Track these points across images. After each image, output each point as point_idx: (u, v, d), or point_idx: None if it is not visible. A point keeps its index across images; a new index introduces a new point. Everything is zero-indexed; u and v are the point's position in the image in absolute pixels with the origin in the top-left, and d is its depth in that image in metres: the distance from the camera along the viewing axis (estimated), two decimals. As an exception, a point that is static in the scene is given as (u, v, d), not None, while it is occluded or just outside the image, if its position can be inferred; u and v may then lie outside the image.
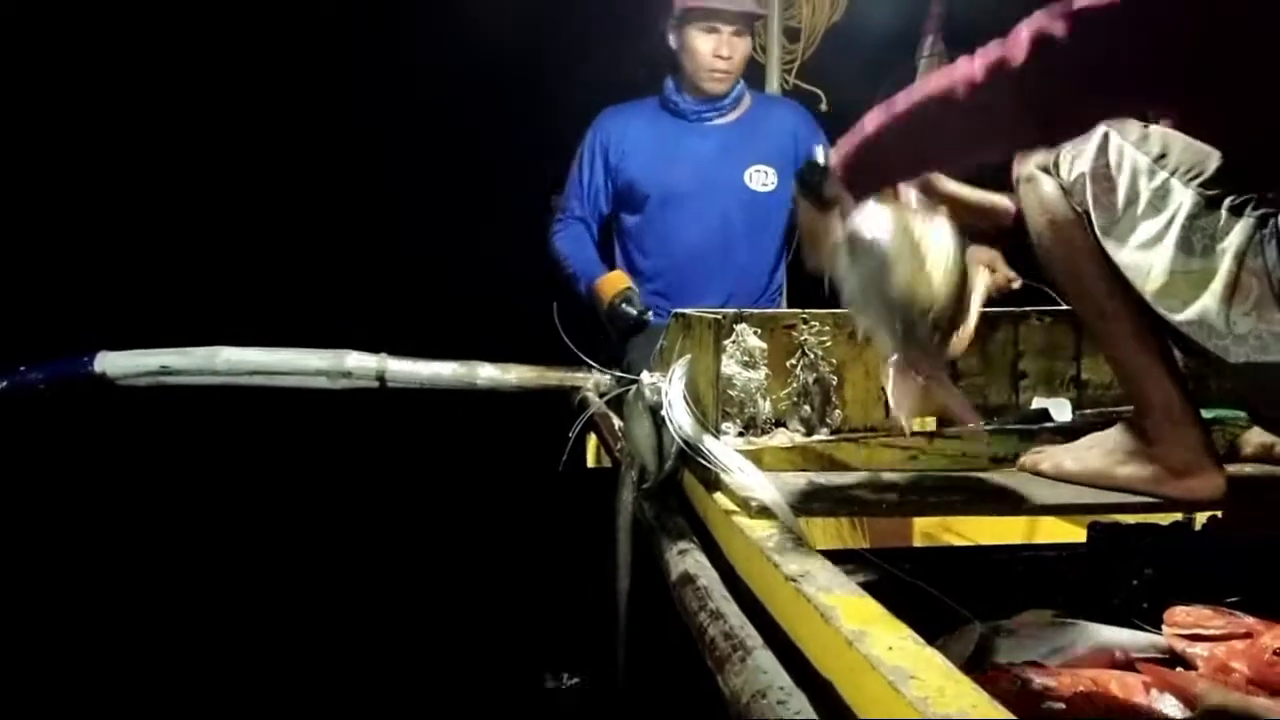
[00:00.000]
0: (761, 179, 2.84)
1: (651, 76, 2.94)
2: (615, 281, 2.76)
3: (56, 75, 3.53)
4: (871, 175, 1.32)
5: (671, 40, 2.83)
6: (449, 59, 3.68)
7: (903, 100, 1.24)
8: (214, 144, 3.76)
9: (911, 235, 1.25)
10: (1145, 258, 1.26)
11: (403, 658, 3.15)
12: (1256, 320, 1.19)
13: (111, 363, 2.34)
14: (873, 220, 1.28)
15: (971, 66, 1.16)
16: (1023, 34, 1.12)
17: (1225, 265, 1.20)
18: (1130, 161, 1.29)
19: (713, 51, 2.76)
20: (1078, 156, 1.36)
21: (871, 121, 1.27)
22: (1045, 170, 1.41)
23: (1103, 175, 1.32)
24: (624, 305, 2.68)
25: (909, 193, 1.36)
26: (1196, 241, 1.22)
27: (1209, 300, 1.23)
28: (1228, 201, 1.21)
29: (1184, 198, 1.24)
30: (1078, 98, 1.15)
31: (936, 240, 1.25)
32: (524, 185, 3.31)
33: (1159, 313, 1.29)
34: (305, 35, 3.71)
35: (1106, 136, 1.33)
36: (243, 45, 3.72)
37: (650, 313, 2.67)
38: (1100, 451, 1.43)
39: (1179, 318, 1.27)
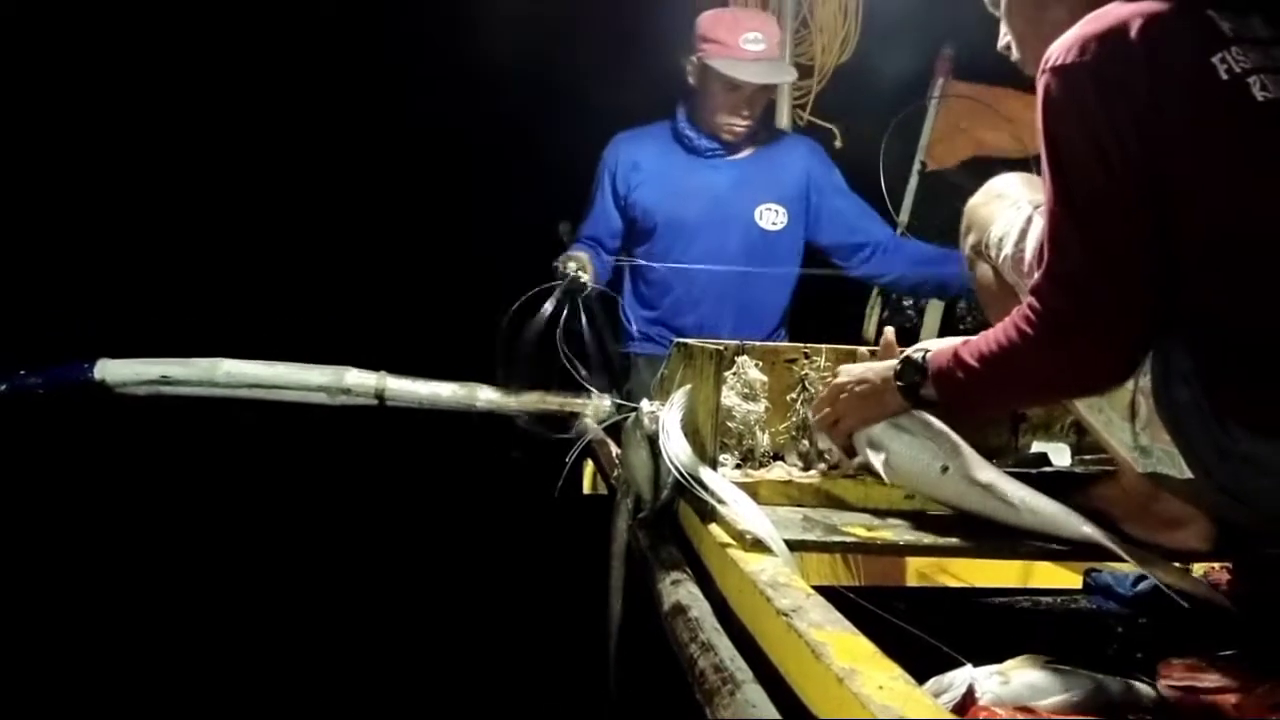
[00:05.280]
0: (772, 217, 2.82)
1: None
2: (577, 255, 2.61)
3: (73, 78, 3.55)
4: (966, 410, 1.42)
5: (690, 77, 2.78)
6: (465, 70, 3.71)
7: (978, 358, 1.29)
8: (225, 155, 3.77)
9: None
10: None
11: (393, 678, 3.12)
12: (1151, 438, 1.22)
13: (111, 370, 2.34)
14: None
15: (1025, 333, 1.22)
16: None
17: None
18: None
19: (733, 109, 2.72)
20: (1004, 237, 1.39)
21: (961, 365, 1.31)
22: (977, 251, 1.45)
23: (1019, 259, 1.36)
24: (563, 267, 2.47)
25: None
26: None
27: (1114, 413, 1.26)
28: None
29: None
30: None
31: None
32: (537, 207, 3.31)
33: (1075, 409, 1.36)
34: (309, 43, 3.73)
35: (1030, 219, 1.35)
36: (252, 52, 3.75)
37: (582, 277, 2.41)
38: (1095, 500, 1.43)
39: (1093, 420, 1.31)
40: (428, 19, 3.87)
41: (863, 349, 1.74)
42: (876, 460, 1.47)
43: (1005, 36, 1.50)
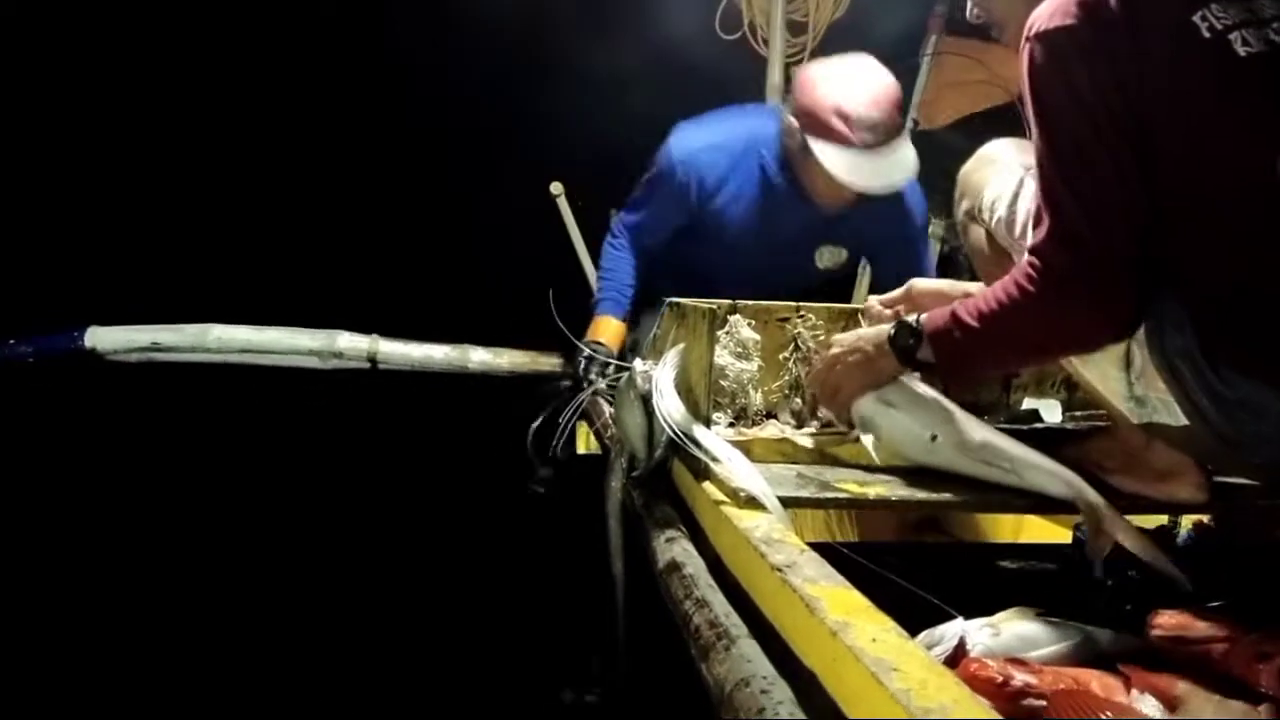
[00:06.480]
0: (831, 257, 2.62)
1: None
2: (604, 328, 2.57)
3: (73, 59, 3.51)
4: (962, 371, 1.42)
5: (788, 137, 2.40)
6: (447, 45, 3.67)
7: (978, 319, 1.28)
8: (217, 124, 3.74)
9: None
10: None
11: (389, 641, 3.15)
12: (1146, 387, 1.25)
13: (102, 338, 2.33)
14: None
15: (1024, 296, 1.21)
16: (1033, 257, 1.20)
17: None
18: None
19: (835, 192, 2.36)
20: (996, 201, 1.39)
21: (959, 324, 1.31)
22: (971, 216, 1.45)
23: (1012, 222, 1.37)
24: (587, 357, 2.45)
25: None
26: None
27: (1109, 365, 1.27)
28: None
29: None
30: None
31: None
32: (526, 176, 3.28)
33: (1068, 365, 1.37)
34: (300, 13, 3.69)
35: (1021, 182, 1.35)
36: (240, 30, 3.70)
37: (599, 384, 2.22)
38: (1087, 454, 1.44)
39: (1088, 374, 1.31)
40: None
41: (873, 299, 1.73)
42: (868, 441, 1.48)
43: (976, 8, 1.50)
